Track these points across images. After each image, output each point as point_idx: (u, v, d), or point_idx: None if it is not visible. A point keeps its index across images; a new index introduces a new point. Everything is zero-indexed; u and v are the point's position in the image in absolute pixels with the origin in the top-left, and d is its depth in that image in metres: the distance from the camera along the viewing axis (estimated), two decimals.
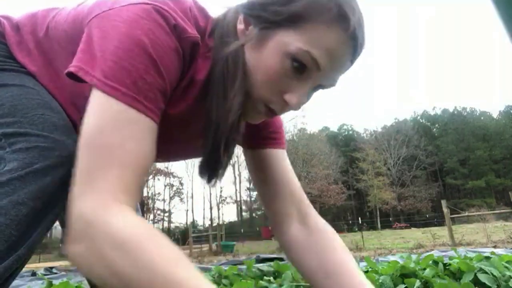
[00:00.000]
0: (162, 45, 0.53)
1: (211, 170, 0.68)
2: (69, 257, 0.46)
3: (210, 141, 0.63)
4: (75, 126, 0.64)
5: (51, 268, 5.02)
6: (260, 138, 0.81)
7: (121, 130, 0.49)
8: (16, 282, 3.11)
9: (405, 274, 1.62)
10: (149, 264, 0.41)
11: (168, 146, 0.73)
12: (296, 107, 0.61)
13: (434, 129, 58.12)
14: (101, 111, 0.50)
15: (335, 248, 0.72)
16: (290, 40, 0.56)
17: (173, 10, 0.57)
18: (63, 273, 4.44)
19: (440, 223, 22.01)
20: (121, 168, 0.48)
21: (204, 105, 0.65)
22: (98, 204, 0.45)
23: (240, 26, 0.61)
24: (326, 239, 0.73)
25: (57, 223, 0.65)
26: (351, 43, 0.57)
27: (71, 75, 0.53)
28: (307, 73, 0.58)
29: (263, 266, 2.37)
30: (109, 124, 0.49)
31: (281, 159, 0.81)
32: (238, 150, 0.94)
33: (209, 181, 0.69)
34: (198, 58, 0.62)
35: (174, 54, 0.55)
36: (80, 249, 0.44)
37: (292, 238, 0.76)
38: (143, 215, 1.03)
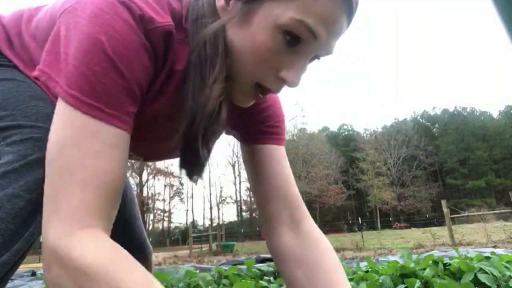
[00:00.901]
0: (123, 42, 0.48)
1: (190, 165, 0.61)
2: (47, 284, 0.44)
3: (187, 132, 0.57)
4: None
5: None
6: (259, 132, 0.75)
7: (81, 145, 0.46)
8: (16, 282, 3.11)
9: (405, 274, 1.62)
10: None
11: (154, 145, 0.71)
12: (294, 83, 0.55)
13: (434, 129, 58.15)
14: (62, 124, 0.47)
15: (327, 263, 0.65)
16: (280, 11, 0.50)
17: (141, 1, 0.52)
18: None
19: (440, 223, 22.00)
20: (84, 189, 0.44)
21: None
22: (62, 231, 0.43)
23: (220, 2, 0.55)
24: (319, 253, 0.66)
25: None
26: (346, 5, 0.51)
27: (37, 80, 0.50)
28: (302, 45, 0.53)
29: (263, 266, 2.37)
30: (69, 139, 0.46)
31: (279, 157, 0.74)
32: (237, 149, 0.88)
33: (189, 176, 0.62)
34: (175, 46, 0.57)
35: (139, 50, 0.50)
36: (51, 277, 0.43)
37: (282, 247, 0.69)
38: (142, 216, 1.03)
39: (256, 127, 0.75)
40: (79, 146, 0.45)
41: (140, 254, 1.00)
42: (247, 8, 0.52)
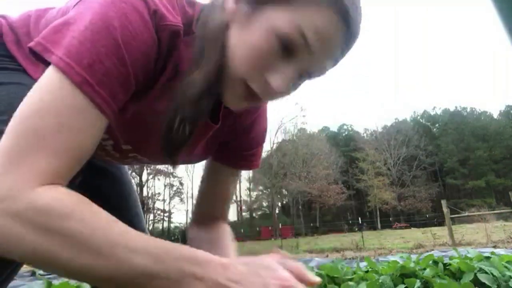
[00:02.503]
0: (134, 33, 0.50)
1: (166, 145, 0.61)
2: None
3: (169, 115, 0.57)
4: None
5: None
6: (236, 157, 0.84)
7: (62, 116, 0.46)
8: (16, 282, 3.11)
9: (405, 274, 1.62)
10: (81, 216, 0.43)
11: (155, 148, 0.70)
12: (280, 90, 0.56)
13: (434, 129, 58.14)
14: (47, 88, 0.47)
15: (223, 242, 0.84)
16: (280, 17, 0.52)
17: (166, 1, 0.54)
18: None
19: (440, 223, 22.00)
20: (54, 156, 0.45)
21: None
22: (22, 186, 0.42)
23: (229, 4, 0.57)
24: (220, 235, 0.85)
25: None
26: (344, 28, 0.53)
27: (32, 52, 0.50)
28: (295, 54, 0.54)
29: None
30: (51, 105, 0.46)
31: (235, 179, 0.88)
32: None
33: (167, 156, 0.63)
34: (181, 48, 0.58)
35: (146, 43, 0.52)
36: (3, 223, 0.41)
37: (200, 234, 0.86)
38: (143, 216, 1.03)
39: (237, 152, 0.83)
40: (60, 117, 0.45)
41: None
42: (250, 12, 0.55)
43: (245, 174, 40.10)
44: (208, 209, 0.89)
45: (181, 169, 46.35)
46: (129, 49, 0.49)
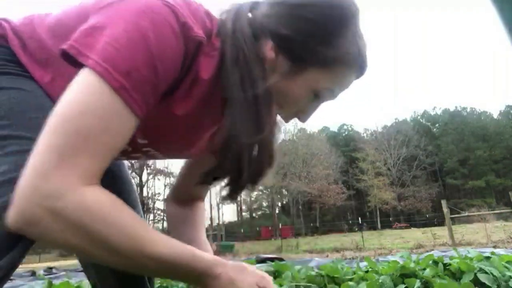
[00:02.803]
0: (166, 44, 0.54)
1: (233, 190, 0.70)
2: (23, 228, 0.47)
3: (232, 158, 0.64)
4: None
5: (51, 268, 5.02)
6: None
7: (103, 119, 0.50)
8: (16, 282, 3.11)
9: (405, 274, 1.62)
10: (117, 221, 0.50)
11: (175, 141, 0.77)
12: (304, 122, 0.75)
13: (434, 129, 58.11)
14: (88, 90, 0.50)
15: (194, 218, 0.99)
16: (319, 79, 0.65)
17: (183, 9, 0.58)
18: (63, 273, 4.44)
19: (440, 223, 22.01)
20: (96, 157, 0.50)
21: (211, 106, 0.69)
22: (69, 183, 0.47)
23: (270, 54, 0.64)
24: (195, 219, 0.98)
25: None
26: (360, 76, 0.72)
27: (64, 55, 0.53)
28: (321, 100, 0.70)
29: (263, 266, 2.37)
30: (93, 109, 0.49)
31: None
32: None
33: (232, 198, 0.72)
34: (201, 57, 0.63)
35: (176, 54, 0.56)
36: (45, 222, 0.46)
37: (176, 211, 0.99)
38: (143, 216, 1.04)
39: None
40: (102, 119, 0.50)
41: None
42: (294, 69, 0.65)
43: None
44: (188, 190, 0.98)
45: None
46: (162, 59, 0.54)
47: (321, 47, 0.63)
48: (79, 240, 0.48)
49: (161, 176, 40.66)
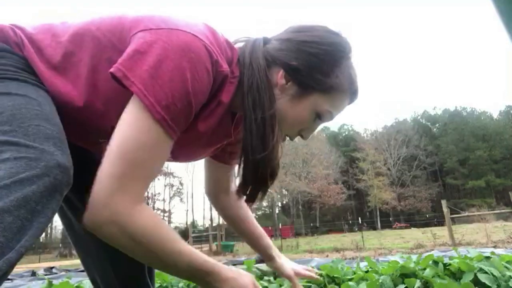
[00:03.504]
0: (200, 82, 0.66)
1: (254, 195, 0.85)
2: (95, 230, 0.63)
3: (250, 170, 0.78)
4: (97, 128, 0.76)
5: (51, 268, 5.02)
6: (224, 155, 1.06)
7: (153, 149, 0.63)
8: (16, 282, 3.11)
9: (405, 274, 1.61)
10: (156, 239, 0.65)
11: (194, 150, 0.90)
12: (307, 139, 0.88)
13: (434, 129, 58.13)
14: (137, 123, 0.62)
15: (242, 206, 1.18)
16: (321, 103, 0.79)
17: (214, 46, 0.69)
18: (63, 273, 4.44)
19: (440, 223, 21.99)
20: (145, 182, 0.64)
21: (225, 122, 0.84)
22: (126, 205, 0.62)
23: (281, 81, 0.77)
24: (238, 202, 1.15)
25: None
26: (353, 102, 0.86)
27: (112, 75, 0.63)
28: (321, 121, 0.83)
29: (263, 266, 2.37)
30: (143, 144, 0.62)
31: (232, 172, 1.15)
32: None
33: (250, 201, 0.86)
34: (225, 85, 0.75)
35: (206, 88, 0.68)
36: (109, 230, 0.62)
37: (221, 201, 1.16)
38: None
39: (226, 151, 1.04)
40: (152, 149, 0.64)
41: None
42: (300, 93, 0.78)
43: None
44: (216, 186, 1.16)
45: (181, 169, 46.27)
46: (195, 94, 0.66)
47: (321, 76, 0.76)
48: (129, 244, 0.64)
49: (161, 176, 40.66)
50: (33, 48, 0.73)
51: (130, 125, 0.63)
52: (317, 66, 0.76)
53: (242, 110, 0.77)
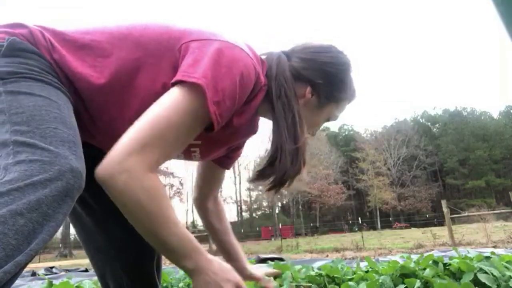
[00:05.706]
0: (246, 88, 0.79)
1: (276, 185, 0.91)
2: (104, 180, 0.65)
3: (280, 162, 0.87)
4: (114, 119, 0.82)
5: (51, 268, 5.02)
6: (225, 159, 1.16)
7: (185, 131, 0.72)
8: (16, 282, 3.10)
9: (405, 274, 1.61)
10: (158, 205, 0.68)
11: (218, 147, 1.00)
12: (314, 135, 1.08)
13: (434, 129, 58.09)
14: (183, 106, 0.70)
15: (225, 217, 1.28)
16: (333, 110, 1.00)
17: (255, 60, 0.84)
18: (63, 273, 4.44)
19: (440, 223, 21.98)
20: (164, 156, 0.70)
21: (250, 122, 0.96)
22: (142, 166, 0.65)
23: (308, 95, 0.93)
24: (222, 212, 1.27)
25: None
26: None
27: (175, 82, 0.73)
28: (329, 121, 1.04)
29: (263, 266, 2.37)
30: (179, 125, 0.70)
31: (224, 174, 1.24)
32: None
33: (274, 190, 0.93)
34: (259, 92, 0.88)
35: (247, 93, 0.82)
36: (117, 183, 0.64)
37: (209, 208, 1.23)
38: None
39: (228, 155, 1.14)
40: (182, 132, 0.72)
41: (150, 254, 1.02)
42: (320, 105, 0.96)
43: (245, 174, 40.07)
44: (207, 190, 1.23)
45: (181, 169, 46.27)
46: (241, 97, 0.78)
47: (338, 92, 0.96)
48: (130, 203, 0.66)
49: (161, 176, 40.54)
50: (64, 48, 0.76)
51: (173, 106, 0.70)
52: (335, 83, 0.94)
53: (271, 114, 0.89)
